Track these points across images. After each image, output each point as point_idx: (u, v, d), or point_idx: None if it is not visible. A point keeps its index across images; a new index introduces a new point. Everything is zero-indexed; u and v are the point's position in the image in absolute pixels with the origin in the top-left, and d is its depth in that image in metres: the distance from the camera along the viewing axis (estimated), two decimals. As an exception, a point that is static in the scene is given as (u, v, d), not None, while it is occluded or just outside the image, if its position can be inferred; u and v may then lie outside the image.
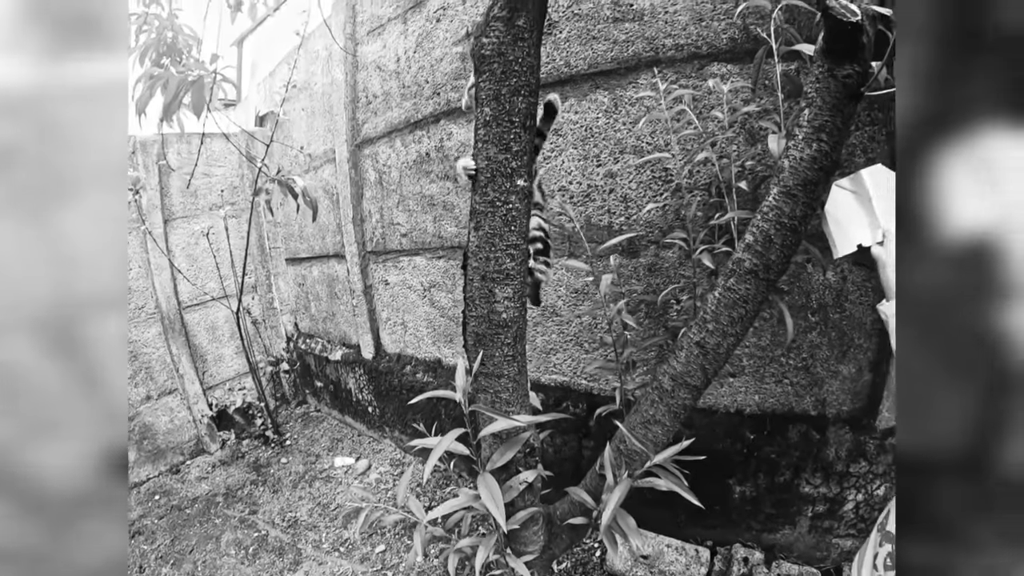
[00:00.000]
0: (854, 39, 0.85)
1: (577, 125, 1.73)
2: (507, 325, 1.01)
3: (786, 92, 1.33)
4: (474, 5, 1.91)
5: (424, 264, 2.26)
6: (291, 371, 3.36)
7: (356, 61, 2.41)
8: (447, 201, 2.09)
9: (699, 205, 1.38)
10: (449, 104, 2.01)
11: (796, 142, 0.92)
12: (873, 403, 1.46)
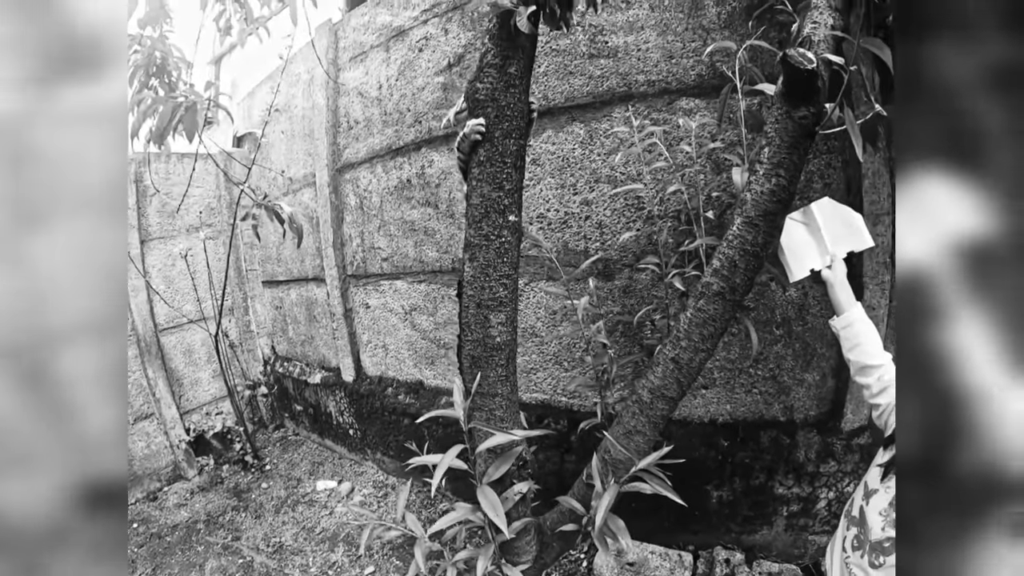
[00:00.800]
0: (810, 84, 0.94)
1: (554, 155, 1.77)
2: (500, 348, 1.06)
3: (749, 126, 1.41)
4: (456, 37, 1.94)
5: (405, 288, 2.25)
6: (269, 395, 3.26)
7: (338, 86, 2.40)
8: (428, 227, 2.10)
9: (670, 232, 1.44)
10: (431, 132, 2.03)
11: (757, 177, 1.00)
12: (837, 407, 1.53)
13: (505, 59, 1.01)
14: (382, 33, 2.20)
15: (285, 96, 2.75)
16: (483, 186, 1.04)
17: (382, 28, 2.20)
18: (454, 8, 1.94)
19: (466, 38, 1.90)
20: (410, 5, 2.09)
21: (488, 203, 1.03)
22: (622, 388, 1.60)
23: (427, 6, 2.02)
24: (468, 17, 1.90)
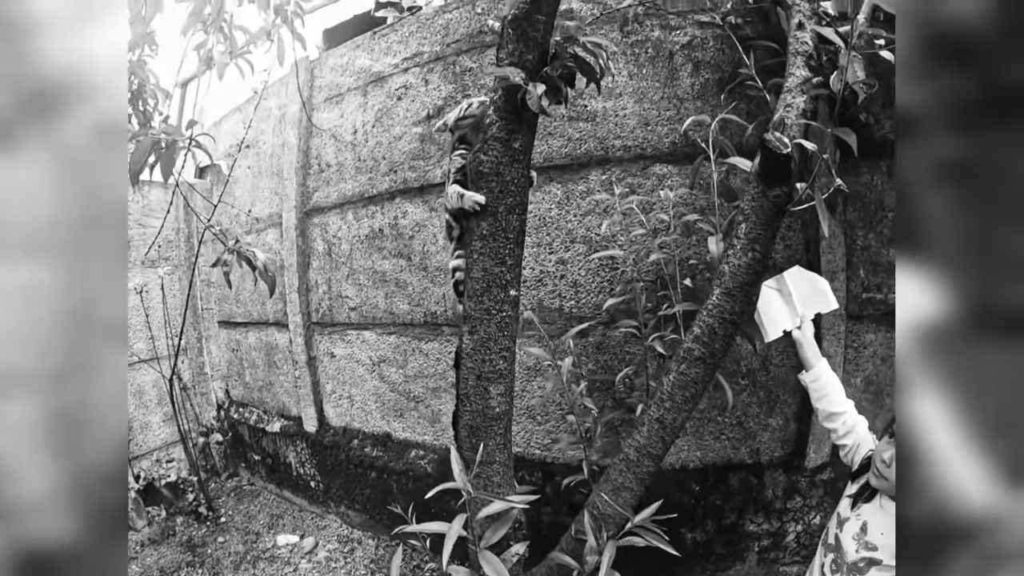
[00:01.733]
0: (785, 166, 1.01)
1: (531, 215, 1.71)
2: (499, 418, 1.07)
3: (720, 195, 1.42)
4: (436, 88, 1.88)
5: (374, 339, 2.09)
6: (223, 442, 2.96)
7: (311, 127, 2.28)
8: (400, 279, 1.97)
9: (648, 296, 1.44)
10: (406, 183, 1.93)
11: (735, 251, 1.06)
12: (800, 447, 1.60)
13: (510, 133, 1.00)
14: (360, 77, 2.11)
15: (254, 130, 2.59)
16: (485, 260, 1.03)
17: (360, 71, 2.12)
18: (436, 59, 1.88)
19: (447, 90, 1.84)
20: (391, 51, 2.02)
21: (490, 278, 1.03)
22: (604, 444, 1.57)
23: (408, 54, 1.96)
24: (451, 70, 1.85)
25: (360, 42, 2.14)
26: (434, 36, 1.89)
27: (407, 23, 1.98)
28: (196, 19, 1.88)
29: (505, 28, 1.01)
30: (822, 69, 1.39)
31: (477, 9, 1.80)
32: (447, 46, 1.86)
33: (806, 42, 1.39)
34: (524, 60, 0.99)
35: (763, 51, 1.50)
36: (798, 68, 1.33)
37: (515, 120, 1.00)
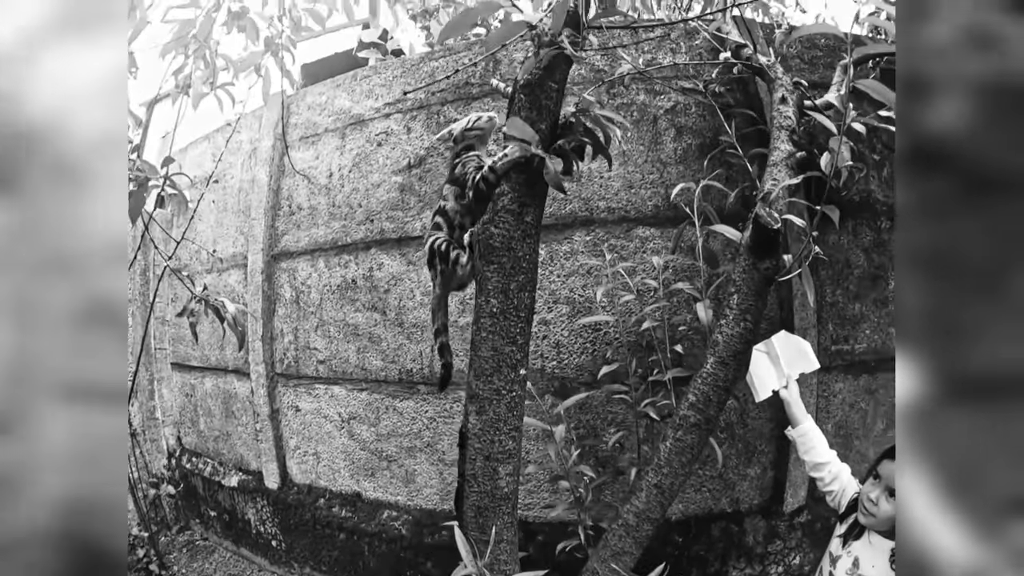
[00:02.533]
0: (774, 240, 1.05)
1: None
2: (507, 498, 1.04)
3: (705, 260, 1.41)
4: (419, 137, 1.77)
5: (344, 395, 1.91)
6: (175, 494, 2.65)
7: (283, 165, 2.12)
8: (374, 333, 1.82)
9: (637, 361, 1.43)
10: (383, 233, 1.79)
11: (727, 321, 1.10)
12: (778, 493, 1.63)
13: (523, 206, 0.97)
14: (339, 118, 1.98)
15: (222, 163, 2.39)
16: (495, 339, 0.99)
17: (340, 112, 1.99)
18: (420, 107, 1.78)
19: (430, 140, 1.74)
20: (373, 94, 1.91)
21: (500, 357, 0.99)
22: (597, 509, 1.55)
23: (391, 99, 1.85)
24: (435, 120, 1.75)
25: (341, 82, 2.01)
26: (419, 83, 1.80)
27: (391, 67, 1.88)
28: (180, 43, 1.73)
29: (517, 93, 0.97)
30: (805, 143, 1.42)
31: (464, 60, 1.72)
32: (432, 94, 1.76)
33: (789, 117, 1.42)
34: (537, 128, 0.95)
35: (742, 119, 1.54)
36: (782, 143, 1.36)
37: (528, 192, 0.97)
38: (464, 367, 1.72)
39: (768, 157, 1.32)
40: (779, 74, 1.45)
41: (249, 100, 2.26)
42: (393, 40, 2.03)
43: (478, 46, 1.70)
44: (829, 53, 1.72)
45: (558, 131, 1.01)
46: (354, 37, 2.09)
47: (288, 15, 1.85)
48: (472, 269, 1.02)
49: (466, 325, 1.69)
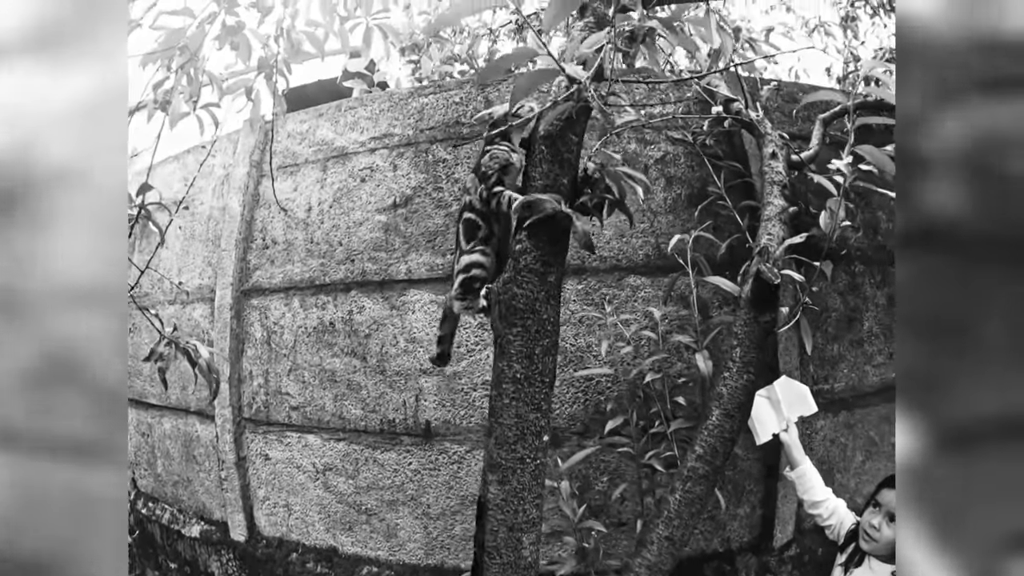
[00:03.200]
0: (774, 294, 1.09)
1: None
2: (531, 567, 1.01)
3: (700, 309, 1.43)
4: (406, 176, 1.66)
5: (319, 444, 1.74)
6: (131, 541, 2.37)
7: (259, 195, 1.95)
8: (353, 380, 1.67)
9: (637, 412, 1.39)
10: (364, 275, 1.66)
11: (731, 373, 1.11)
12: (767, 530, 1.63)
13: (546, 266, 0.93)
14: (321, 149, 1.84)
15: (192, 187, 2.19)
16: (519, 406, 0.95)
17: (322, 144, 1.85)
18: (407, 144, 1.67)
19: (417, 179, 1.63)
20: (358, 127, 1.78)
21: (524, 425, 0.95)
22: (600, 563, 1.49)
23: (377, 134, 1.73)
24: (423, 159, 1.64)
25: (324, 111, 1.88)
26: (407, 119, 1.69)
27: (378, 100, 1.77)
28: (167, 54, 1.54)
29: (538, 145, 0.95)
30: (793, 197, 1.44)
31: (455, 98, 1.62)
32: (420, 131, 1.66)
33: (780, 172, 1.43)
34: (559, 184, 0.93)
35: (728, 171, 1.55)
36: (775, 198, 1.36)
37: (551, 251, 0.92)
38: (452, 418, 1.62)
39: (762, 212, 1.35)
40: (768, 129, 1.46)
41: (226, 122, 2.08)
42: (379, 72, 1.91)
43: (469, 85, 1.61)
44: (807, 107, 1.75)
45: (578, 185, 0.98)
46: (337, 65, 1.96)
47: (287, 36, 1.69)
48: (493, 329, 0.98)
49: (453, 375, 1.57)
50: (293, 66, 1.71)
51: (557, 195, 0.90)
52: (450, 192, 1.59)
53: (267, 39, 1.68)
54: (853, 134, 1.06)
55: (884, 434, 1.82)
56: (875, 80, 1.20)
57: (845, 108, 1.60)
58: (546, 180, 0.93)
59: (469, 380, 1.53)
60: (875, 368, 1.76)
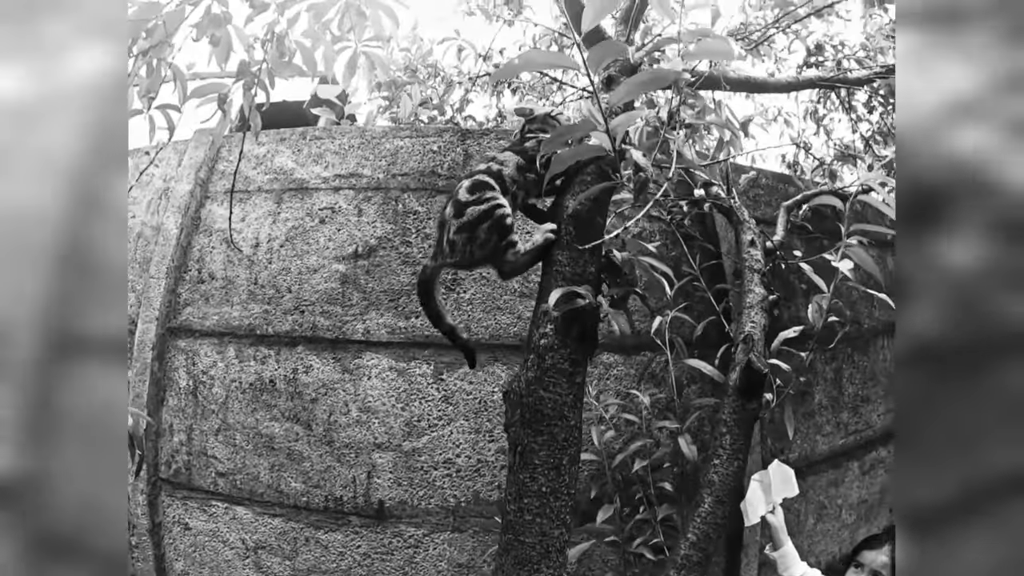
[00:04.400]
0: (761, 382, 1.09)
1: (471, 397, 1.33)
2: None
3: (680, 390, 1.38)
4: (372, 223, 1.43)
5: (250, 519, 1.45)
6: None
7: (200, 219, 1.63)
8: (294, 450, 1.40)
9: (622, 499, 1.29)
10: (315, 330, 1.41)
11: (721, 461, 1.08)
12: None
13: (575, 364, 0.84)
14: (278, 178, 1.57)
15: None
16: (543, 522, 0.85)
17: (279, 172, 1.58)
18: (377, 188, 1.45)
19: (384, 229, 1.41)
20: (323, 161, 1.53)
21: (548, 542, 0.84)
22: None
23: (344, 171, 1.49)
24: (391, 207, 1.41)
25: (287, 136, 1.61)
26: (379, 160, 1.47)
27: (348, 134, 1.53)
28: (133, 31, 1.21)
29: (565, 225, 0.87)
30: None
31: (432, 146, 1.42)
32: (392, 176, 1.44)
33: (759, 260, 1.39)
34: (587, 272, 0.86)
35: (702, 252, 1.51)
36: (756, 285, 1.33)
37: (579, 349, 0.84)
38: (408, 498, 1.39)
39: (743, 299, 1.32)
40: (746, 216, 1.42)
41: (177, 129, 1.73)
42: (351, 104, 1.67)
43: (449, 133, 1.42)
44: (770, 192, 1.73)
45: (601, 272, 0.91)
46: (301, 87, 1.69)
47: (279, 43, 1.39)
48: (509, 435, 0.85)
49: (412, 451, 1.35)
50: (270, 81, 1.42)
51: (588, 285, 0.82)
52: (419, 248, 1.38)
53: (253, 41, 1.39)
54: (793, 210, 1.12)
55: (832, 498, 1.82)
56: (869, 189, 1.17)
57: (806, 197, 1.64)
58: (574, 267, 0.85)
59: (430, 458, 1.32)
60: (824, 437, 1.75)
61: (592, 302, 0.80)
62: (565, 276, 0.85)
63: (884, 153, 1.69)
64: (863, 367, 1.78)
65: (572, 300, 0.80)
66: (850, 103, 1.71)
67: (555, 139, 0.80)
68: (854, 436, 1.73)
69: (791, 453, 1.69)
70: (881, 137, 1.71)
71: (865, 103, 1.67)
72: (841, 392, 1.72)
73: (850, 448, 1.72)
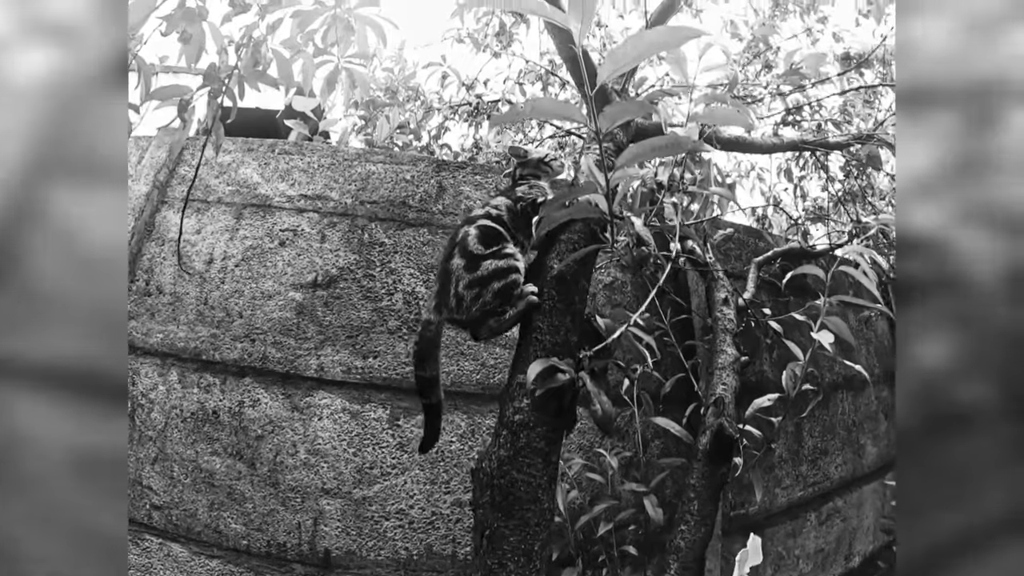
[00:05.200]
0: (731, 447, 1.05)
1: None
2: None
3: (644, 445, 1.32)
4: (335, 251, 1.31)
5: (186, 557, 1.31)
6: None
7: (154, 225, 1.47)
8: (236, 489, 1.27)
9: (584, 563, 1.18)
10: (265, 361, 1.27)
11: (689, 527, 1.02)
12: None
13: (551, 444, 0.77)
14: (239, 191, 1.43)
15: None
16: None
17: (242, 184, 1.43)
18: (343, 214, 1.32)
19: (347, 259, 1.28)
20: (289, 178, 1.40)
21: None
22: None
23: (311, 192, 1.36)
24: (358, 236, 1.29)
25: (255, 147, 1.46)
26: (348, 184, 1.34)
27: (319, 153, 1.39)
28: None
29: (548, 290, 0.80)
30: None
31: (406, 175, 1.30)
32: (361, 203, 1.32)
33: (731, 319, 1.33)
34: (569, 342, 0.78)
35: (672, 306, 1.44)
36: (728, 346, 1.28)
37: (556, 425, 0.76)
38: (357, 548, 1.27)
39: (715, 359, 1.28)
40: (720, 273, 1.36)
41: (138, 125, 1.56)
42: (326, 120, 1.52)
43: (424, 163, 1.30)
44: (740, 245, 1.69)
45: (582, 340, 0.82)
46: (275, 97, 1.54)
47: (255, 49, 1.22)
48: (477, 516, 0.76)
49: (362, 499, 1.23)
50: (240, 90, 1.26)
51: (569, 358, 0.74)
52: (383, 283, 1.26)
53: (228, 44, 1.22)
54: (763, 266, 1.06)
55: (790, 548, 1.80)
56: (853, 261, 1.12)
57: (777, 254, 1.60)
58: (555, 336, 0.77)
59: (381, 507, 1.21)
60: (783, 490, 1.71)
61: (573, 377, 0.72)
62: (545, 346, 0.77)
63: (864, 216, 1.66)
64: (823, 420, 1.75)
65: (552, 375, 0.72)
66: (824, 164, 1.68)
67: (555, 202, 0.73)
68: (812, 488, 1.70)
69: (751, 507, 1.65)
70: (850, 198, 1.68)
71: (842, 166, 1.64)
72: (801, 445, 1.69)
73: (808, 499, 1.70)
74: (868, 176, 1.70)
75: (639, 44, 0.57)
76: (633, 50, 0.57)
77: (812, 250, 1.76)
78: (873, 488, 1.93)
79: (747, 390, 1.35)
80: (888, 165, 1.75)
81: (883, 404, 1.97)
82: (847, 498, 1.81)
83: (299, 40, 1.25)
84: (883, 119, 1.66)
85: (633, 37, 0.58)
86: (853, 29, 1.90)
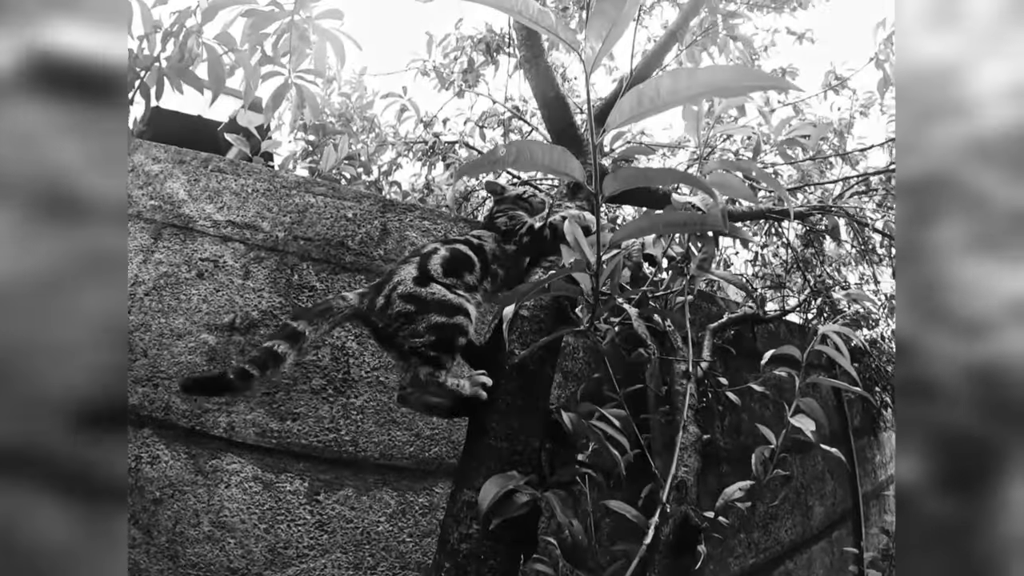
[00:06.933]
0: (696, 536, 0.91)
1: (351, 525, 1.02)
2: None
3: (596, 527, 1.11)
4: (259, 291, 1.09)
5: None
6: None
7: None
8: (128, 557, 1.02)
9: None
10: (167, 412, 1.04)
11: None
12: None
13: (513, 561, 0.59)
14: (161, 208, 1.18)
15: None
16: None
17: (165, 200, 1.19)
18: (272, 249, 1.09)
19: (271, 301, 1.06)
20: (219, 200, 1.17)
21: None
22: None
23: (240, 219, 1.13)
24: (285, 276, 1.06)
25: (186, 158, 1.21)
26: (282, 215, 1.11)
27: (255, 175, 1.16)
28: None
29: (505, 382, 0.64)
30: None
31: (348, 212, 1.08)
32: (293, 238, 1.09)
33: (693, 395, 1.18)
34: (529, 448, 0.63)
35: (626, 375, 1.28)
36: (690, 424, 1.14)
37: (513, 555, 0.59)
38: None
39: (678, 436, 1.10)
40: (680, 344, 1.21)
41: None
42: (270, 140, 1.28)
43: (370, 201, 1.09)
44: (693, 310, 1.56)
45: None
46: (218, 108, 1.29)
47: (183, 41, 0.95)
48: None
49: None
50: (165, 88, 1.00)
51: (529, 472, 0.60)
52: (312, 335, 1.04)
53: (155, 30, 0.96)
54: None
55: None
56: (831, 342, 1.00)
57: (732, 320, 1.48)
58: (513, 444, 0.61)
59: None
60: (735, 559, 1.58)
61: (537, 498, 0.56)
62: (501, 455, 0.61)
63: (815, 283, 1.56)
64: (773, 486, 1.64)
65: (510, 498, 0.56)
66: (779, 230, 1.58)
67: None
68: (764, 554, 1.58)
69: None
70: (803, 265, 1.58)
71: (801, 235, 1.54)
72: (753, 512, 1.56)
73: (760, 565, 1.57)
74: (821, 242, 1.61)
75: (693, 82, 0.39)
76: (686, 88, 0.39)
77: (765, 316, 1.66)
78: (821, 547, 1.84)
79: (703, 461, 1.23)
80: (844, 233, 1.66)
81: (828, 464, 1.89)
82: (797, 560, 1.70)
83: (245, 46, 1.01)
84: (840, 192, 1.58)
85: (674, 72, 0.41)
86: (811, 101, 1.81)
